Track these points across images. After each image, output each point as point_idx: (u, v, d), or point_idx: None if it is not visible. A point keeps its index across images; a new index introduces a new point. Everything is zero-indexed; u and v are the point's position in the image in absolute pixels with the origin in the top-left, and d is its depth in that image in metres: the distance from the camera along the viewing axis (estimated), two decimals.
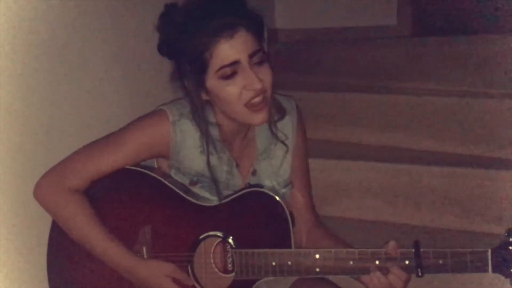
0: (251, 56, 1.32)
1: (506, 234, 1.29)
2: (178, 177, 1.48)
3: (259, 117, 1.36)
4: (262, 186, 1.44)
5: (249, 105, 1.34)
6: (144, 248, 1.43)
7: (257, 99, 1.33)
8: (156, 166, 1.54)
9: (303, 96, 2.54)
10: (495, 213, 1.92)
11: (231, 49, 1.30)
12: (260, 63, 1.34)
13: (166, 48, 1.39)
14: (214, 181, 1.45)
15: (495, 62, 2.25)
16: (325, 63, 2.80)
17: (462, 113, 2.18)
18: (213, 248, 1.42)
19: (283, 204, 1.38)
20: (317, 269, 1.34)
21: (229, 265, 1.40)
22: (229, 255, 1.40)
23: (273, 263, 1.35)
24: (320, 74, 2.78)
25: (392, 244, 1.31)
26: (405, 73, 2.53)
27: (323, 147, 2.38)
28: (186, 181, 1.47)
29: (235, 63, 1.31)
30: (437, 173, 2.04)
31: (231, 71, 1.31)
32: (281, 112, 1.50)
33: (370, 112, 2.41)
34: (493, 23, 2.67)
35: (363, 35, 3.13)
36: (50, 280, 1.48)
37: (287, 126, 1.52)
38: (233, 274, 1.39)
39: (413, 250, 1.30)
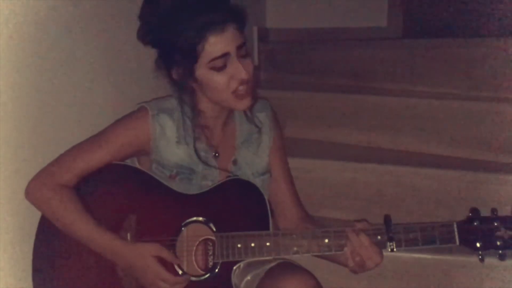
0: (238, 48, 1.42)
1: (470, 213, 1.39)
2: (159, 171, 1.53)
3: (244, 102, 1.46)
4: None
5: (235, 93, 1.44)
6: (128, 234, 1.47)
7: (242, 88, 1.44)
8: (138, 166, 1.59)
9: (293, 95, 2.56)
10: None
11: (222, 42, 1.40)
12: (244, 56, 1.44)
13: (150, 36, 1.46)
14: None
15: (484, 65, 2.26)
16: (315, 63, 2.81)
17: (451, 115, 2.19)
18: (196, 246, 1.47)
19: (260, 190, 1.50)
20: (295, 248, 1.42)
21: (210, 263, 1.46)
22: (210, 253, 1.46)
23: (252, 245, 1.42)
24: (310, 74, 2.80)
25: (363, 222, 1.43)
26: (395, 75, 2.54)
27: (312, 147, 2.40)
28: (166, 174, 1.53)
29: (225, 55, 1.41)
30: (423, 175, 2.04)
31: (221, 63, 1.41)
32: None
33: (359, 113, 2.41)
34: (483, 26, 2.69)
35: (353, 36, 3.14)
36: (34, 280, 1.48)
37: (265, 122, 1.64)
38: (207, 275, 1.45)
39: (384, 225, 1.40)
